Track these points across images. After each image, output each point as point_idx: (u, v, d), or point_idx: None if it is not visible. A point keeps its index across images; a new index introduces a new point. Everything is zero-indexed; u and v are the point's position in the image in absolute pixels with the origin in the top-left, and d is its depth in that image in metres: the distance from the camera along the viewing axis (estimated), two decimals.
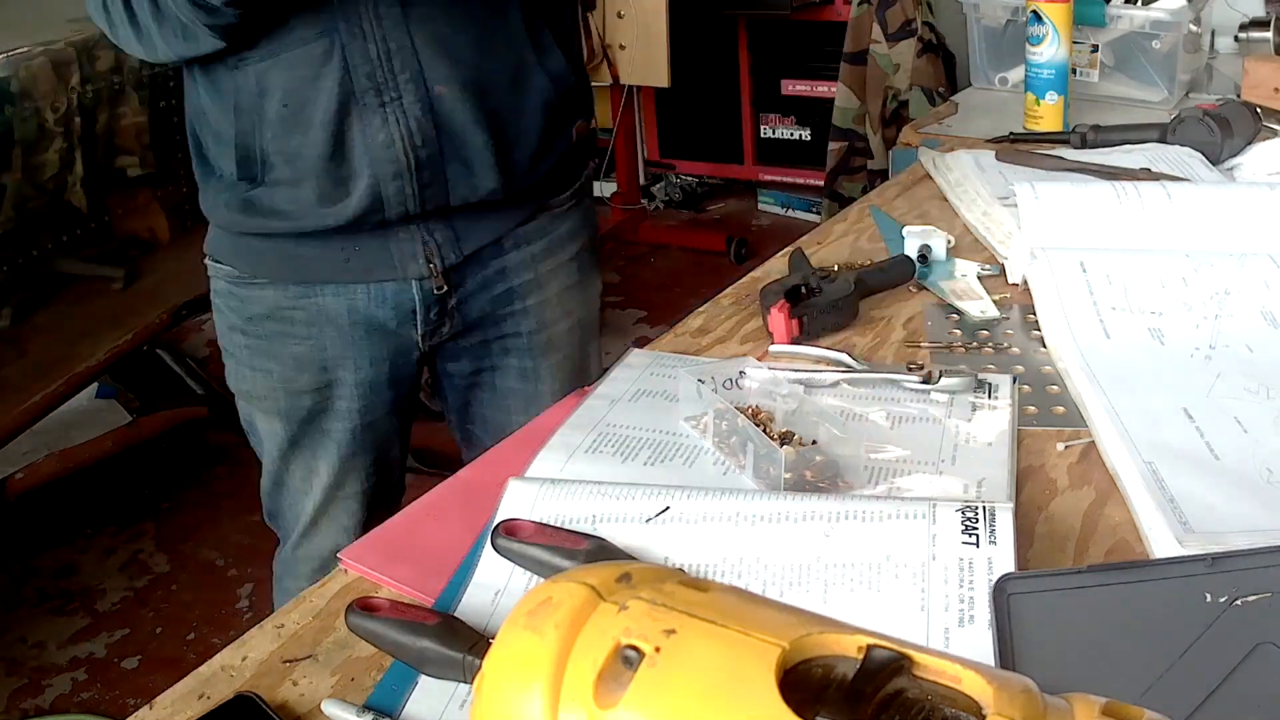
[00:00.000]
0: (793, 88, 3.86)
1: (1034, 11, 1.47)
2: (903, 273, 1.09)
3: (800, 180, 3.97)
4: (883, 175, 2.85)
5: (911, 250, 1.14)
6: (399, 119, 1.04)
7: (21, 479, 2.43)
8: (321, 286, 1.15)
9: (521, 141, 1.11)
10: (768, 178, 4.09)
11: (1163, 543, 0.70)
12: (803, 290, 1.01)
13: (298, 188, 1.07)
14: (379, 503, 1.32)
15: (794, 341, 0.97)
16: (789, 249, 1.17)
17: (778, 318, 0.97)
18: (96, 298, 2.39)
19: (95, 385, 2.65)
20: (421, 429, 3.16)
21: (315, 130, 1.04)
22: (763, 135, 4.01)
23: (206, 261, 1.23)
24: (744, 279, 1.15)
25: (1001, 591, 0.55)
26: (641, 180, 4.25)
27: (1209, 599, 0.53)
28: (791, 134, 3.95)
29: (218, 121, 1.09)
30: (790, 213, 4.16)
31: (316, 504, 1.28)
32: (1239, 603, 0.53)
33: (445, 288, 1.16)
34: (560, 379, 1.28)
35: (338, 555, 0.80)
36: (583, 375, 1.31)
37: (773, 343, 0.97)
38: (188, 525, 2.57)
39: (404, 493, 1.39)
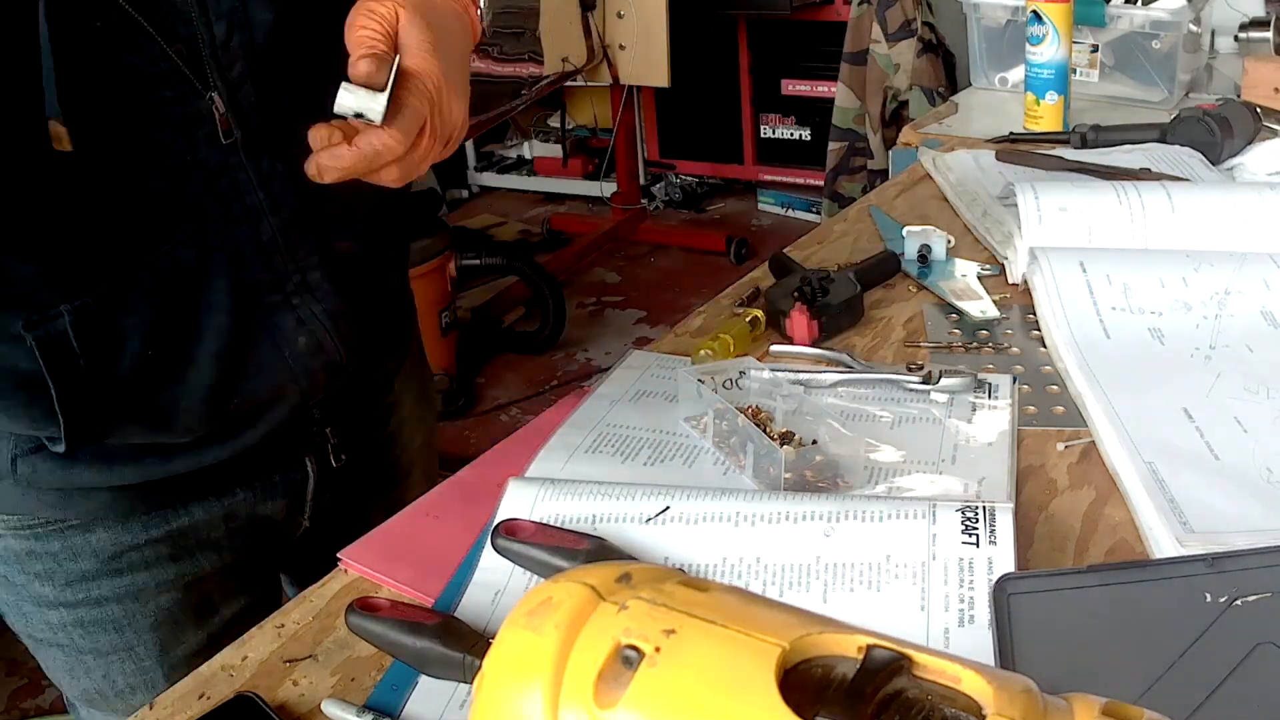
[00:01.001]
0: (793, 88, 3.87)
1: (1034, 11, 1.47)
2: (891, 267, 1.09)
3: (800, 180, 3.97)
4: (883, 175, 2.85)
5: (911, 250, 1.14)
6: (315, 308, 0.82)
7: None
8: (186, 505, 0.86)
9: (401, 258, 0.95)
10: (768, 178, 4.09)
11: (1163, 542, 0.70)
12: (809, 291, 1.01)
13: (160, 434, 0.80)
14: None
15: (813, 343, 0.97)
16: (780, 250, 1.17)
17: (799, 319, 0.97)
18: None
19: None
20: None
21: (197, 372, 0.78)
22: (763, 135, 4.01)
23: None
24: (744, 279, 1.15)
25: (1002, 591, 0.55)
26: (641, 180, 4.25)
27: (1209, 599, 0.53)
28: (791, 134, 3.95)
29: None
30: (790, 213, 4.17)
31: None
32: (1239, 603, 0.53)
33: (345, 458, 0.93)
34: (411, 472, 1.06)
35: (338, 555, 0.80)
36: (430, 459, 1.10)
37: (793, 344, 0.97)
38: None
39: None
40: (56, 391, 0.72)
